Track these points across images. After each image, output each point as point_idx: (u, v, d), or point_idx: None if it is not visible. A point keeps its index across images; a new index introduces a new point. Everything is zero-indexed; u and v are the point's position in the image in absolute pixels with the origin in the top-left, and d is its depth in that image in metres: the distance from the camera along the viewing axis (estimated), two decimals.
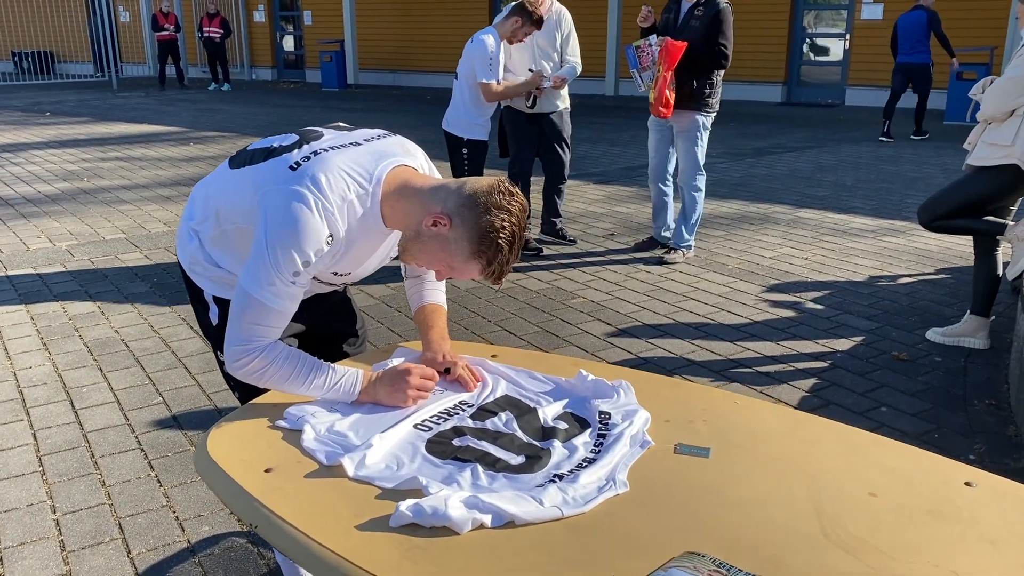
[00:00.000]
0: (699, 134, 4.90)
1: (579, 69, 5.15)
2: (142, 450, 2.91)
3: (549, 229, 5.57)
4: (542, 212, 5.57)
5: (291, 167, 1.56)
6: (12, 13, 24.42)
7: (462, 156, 4.84)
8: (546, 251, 5.40)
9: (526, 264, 5.12)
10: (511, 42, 4.74)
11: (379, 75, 19.48)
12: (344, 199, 1.54)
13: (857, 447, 1.47)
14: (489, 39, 4.66)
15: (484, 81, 4.67)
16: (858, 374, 3.51)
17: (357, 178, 1.56)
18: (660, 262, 5.10)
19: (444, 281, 1.96)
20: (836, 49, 14.04)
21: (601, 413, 1.55)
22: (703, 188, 5.02)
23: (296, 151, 1.61)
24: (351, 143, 1.64)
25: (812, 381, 3.44)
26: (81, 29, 23.78)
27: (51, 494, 2.64)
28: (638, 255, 5.27)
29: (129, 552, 2.36)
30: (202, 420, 3.11)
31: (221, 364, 1.84)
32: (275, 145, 1.66)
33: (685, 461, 1.43)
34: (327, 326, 2.02)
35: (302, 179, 1.53)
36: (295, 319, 1.93)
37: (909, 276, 4.84)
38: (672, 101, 4.73)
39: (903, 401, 3.26)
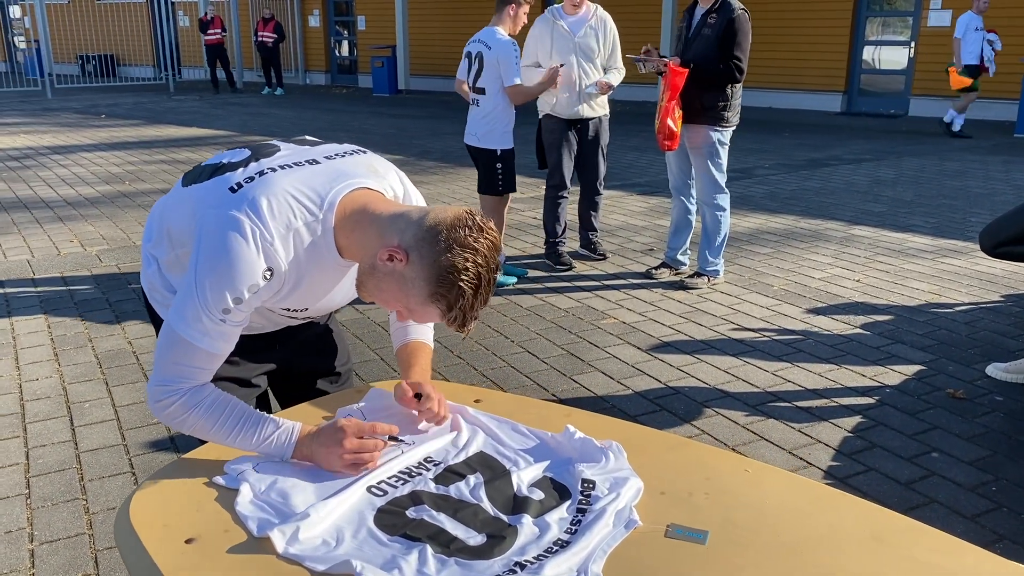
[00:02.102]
0: (714, 151, 4.47)
1: (621, 79, 4.94)
2: (133, 474, 2.77)
3: (586, 243, 5.34)
4: (579, 226, 5.35)
5: (231, 188, 1.38)
6: (79, 18, 25.11)
7: (496, 170, 4.63)
8: (579, 267, 5.17)
9: (558, 281, 4.90)
10: (515, 31, 4.59)
11: (429, 80, 19.44)
12: (289, 227, 1.35)
13: (886, 538, 1.22)
14: (506, 39, 4.48)
15: (517, 82, 4.48)
16: (908, 413, 3.21)
17: (305, 203, 1.37)
18: (682, 286, 4.76)
19: None
20: (900, 57, 13.49)
21: (584, 482, 1.33)
22: (727, 207, 4.60)
23: (242, 169, 1.42)
24: (308, 161, 1.45)
25: (856, 420, 3.15)
26: (144, 33, 24.30)
27: (32, 520, 2.51)
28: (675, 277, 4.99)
29: None
30: (198, 442, 2.96)
31: None
32: (224, 161, 1.48)
33: (676, 548, 1.20)
34: (301, 363, 1.83)
35: (240, 204, 1.34)
36: (263, 356, 1.76)
37: (970, 303, 4.48)
38: (677, 131, 4.39)
39: (958, 446, 2.95)
